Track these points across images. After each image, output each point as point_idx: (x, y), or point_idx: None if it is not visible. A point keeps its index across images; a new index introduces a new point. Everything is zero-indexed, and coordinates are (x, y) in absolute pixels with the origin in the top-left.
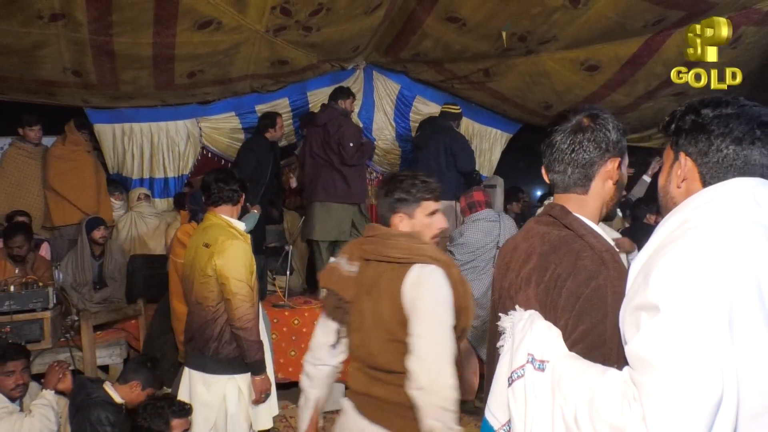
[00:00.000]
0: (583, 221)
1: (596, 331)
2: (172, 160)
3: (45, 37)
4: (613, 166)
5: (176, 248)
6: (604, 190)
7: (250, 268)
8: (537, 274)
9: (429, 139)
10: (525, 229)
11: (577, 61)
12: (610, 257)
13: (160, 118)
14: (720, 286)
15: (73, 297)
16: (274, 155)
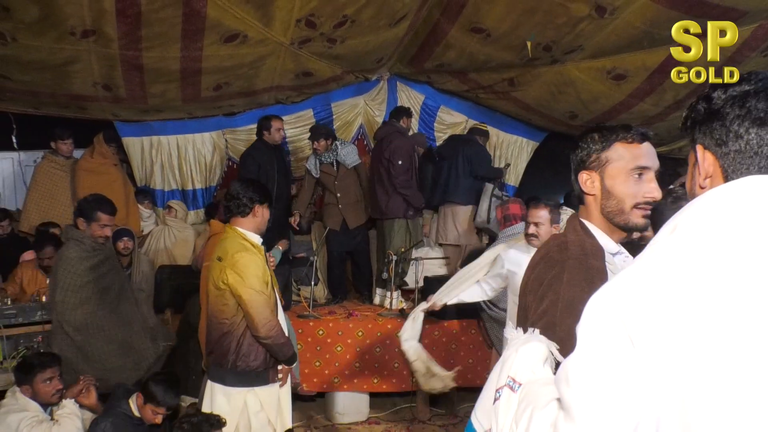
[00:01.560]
0: (580, 223)
1: (550, 313)
2: (200, 172)
3: (76, 53)
4: (584, 180)
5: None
6: (593, 202)
7: (263, 278)
8: (529, 269)
9: (451, 149)
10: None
11: (603, 70)
12: (579, 251)
13: (187, 130)
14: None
15: None
16: (279, 159)
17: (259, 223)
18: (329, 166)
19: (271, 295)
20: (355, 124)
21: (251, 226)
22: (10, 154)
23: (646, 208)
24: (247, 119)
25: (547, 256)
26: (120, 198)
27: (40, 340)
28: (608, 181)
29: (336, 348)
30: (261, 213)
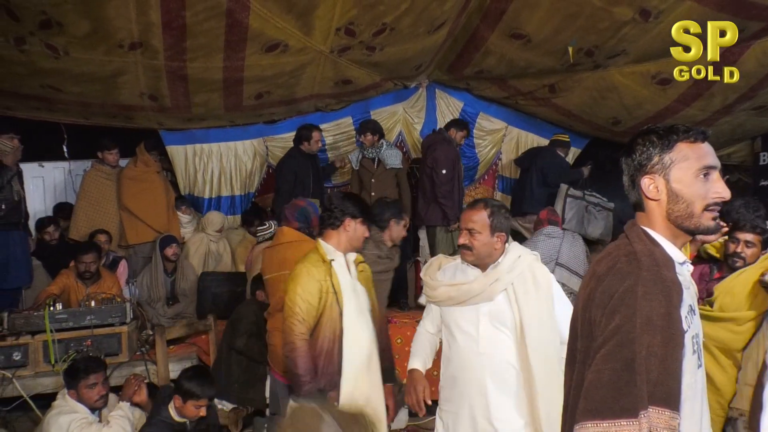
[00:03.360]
0: (643, 231)
1: (625, 329)
2: (239, 179)
3: (124, 65)
4: (647, 185)
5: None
6: (656, 207)
7: (308, 298)
8: (588, 278)
9: (527, 161)
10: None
11: (647, 74)
12: (650, 261)
13: (229, 138)
14: None
15: (148, 312)
16: (314, 167)
17: (351, 238)
18: (370, 162)
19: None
20: (394, 132)
21: (337, 240)
22: (61, 163)
23: (715, 209)
24: (287, 127)
25: (615, 268)
26: (162, 204)
27: (89, 343)
28: (675, 184)
29: None
30: (353, 228)
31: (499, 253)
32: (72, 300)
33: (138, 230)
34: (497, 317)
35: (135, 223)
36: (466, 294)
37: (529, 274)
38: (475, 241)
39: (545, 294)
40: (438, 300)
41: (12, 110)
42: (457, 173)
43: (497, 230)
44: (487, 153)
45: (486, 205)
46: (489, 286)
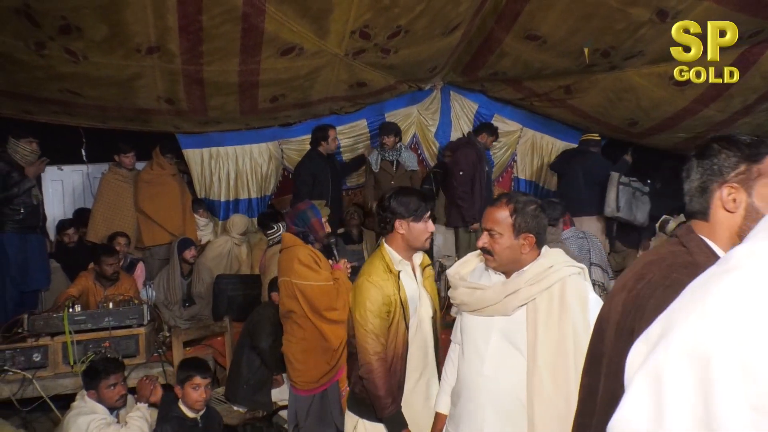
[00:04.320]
0: (702, 241)
1: None
2: (255, 182)
3: (141, 69)
4: (727, 194)
5: (304, 272)
6: (727, 220)
7: (379, 313)
8: (633, 281)
9: (566, 164)
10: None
11: (665, 75)
12: None
13: (244, 141)
14: None
15: (164, 314)
16: (333, 169)
17: (407, 239)
18: (389, 164)
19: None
20: (408, 134)
21: (396, 245)
22: (80, 166)
23: None
24: (302, 130)
25: (672, 278)
26: (177, 207)
27: (107, 345)
28: (757, 200)
29: None
30: (406, 229)
31: (528, 259)
32: (90, 302)
33: (154, 233)
34: (511, 336)
35: (151, 226)
36: (479, 302)
37: (558, 292)
38: (495, 244)
39: (574, 320)
40: (455, 301)
41: (31, 114)
42: (479, 175)
43: (523, 231)
44: (502, 155)
45: (509, 201)
46: (504, 297)
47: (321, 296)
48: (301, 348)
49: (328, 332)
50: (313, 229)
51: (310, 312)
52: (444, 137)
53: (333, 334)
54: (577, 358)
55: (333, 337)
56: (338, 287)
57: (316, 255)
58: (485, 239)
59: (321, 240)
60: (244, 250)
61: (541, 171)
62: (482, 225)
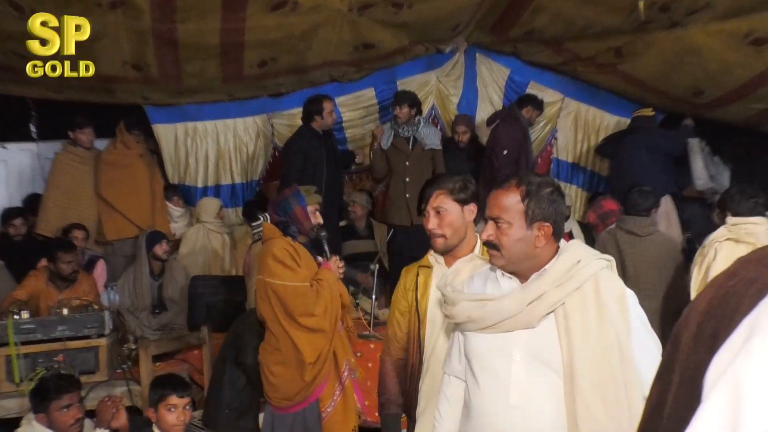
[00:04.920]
0: None
1: None
2: (240, 164)
3: (103, 27)
4: None
5: (277, 269)
6: None
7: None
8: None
9: (620, 145)
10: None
11: (738, 34)
12: None
13: (227, 114)
14: None
15: (130, 322)
16: (329, 147)
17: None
18: (404, 142)
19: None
20: (425, 105)
21: None
22: (27, 145)
23: None
24: (296, 100)
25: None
26: (145, 194)
27: (61, 359)
28: None
29: None
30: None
31: (546, 255)
32: (42, 307)
33: (118, 225)
34: (539, 354)
35: (114, 217)
36: (494, 315)
37: (592, 291)
38: (503, 236)
39: (615, 324)
40: (457, 321)
41: None
42: (525, 156)
43: (537, 219)
44: (540, 131)
45: (519, 183)
46: (527, 305)
47: (295, 299)
48: (275, 359)
49: (303, 342)
50: (296, 219)
51: (284, 317)
52: (469, 108)
53: (308, 344)
54: (624, 371)
55: (308, 348)
56: (319, 290)
57: (295, 250)
58: (490, 231)
59: (306, 232)
60: (221, 242)
61: (586, 151)
62: (487, 213)
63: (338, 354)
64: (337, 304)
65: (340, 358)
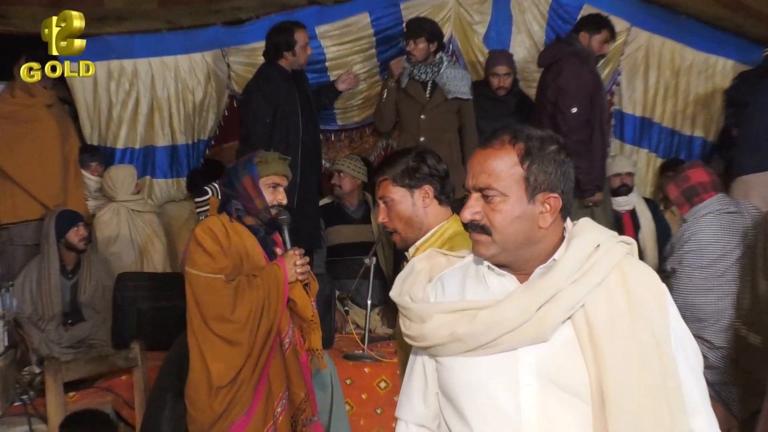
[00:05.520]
0: None
1: None
2: (184, 118)
3: None
4: None
5: (195, 255)
6: None
7: None
8: None
9: (757, 94)
10: None
11: None
12: None
13: (165, 49)
14: None
15: (33, 337)
16: (303, 95)
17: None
18: (418, 87)
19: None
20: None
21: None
22: None
23: None
24: (260, 31)
25: None
26: (55, 161)
27: None
28: None
29: None
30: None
31: (552, 240)
32: None
33: (15, 202)
34: (557, 377)
35: (10, 190)
36: (490, 330)
37: (619, 285)
38: (495, 214)
39: (653, 326)
40: (430, 343)
41: None
42: (598, 112)
43: (542, 189)
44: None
45: (514, 138)
46: (536, 311)
47: (205, 295)
48: (189, 380)
49: (212, 356)
50: (243, 195)
51: (196, 319)
52: (499, 41)
53: (219, 360)
54: (668, 392)
55: (217, 365)
56: (243, 288)
57: (225, 230)
58: (476, 207)
59: (255, 212)
60: (152, 227)
61: (662, 101)
62: (470, 182)
63: (273, 382)
64: (275, 313)
65: (275, 388)
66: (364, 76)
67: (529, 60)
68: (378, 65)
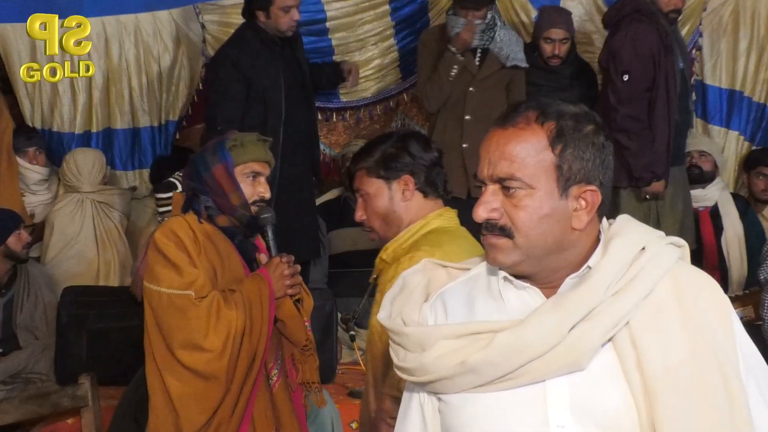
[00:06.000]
0: None
1: None
2: (148, 93)
3: None
4: None
5: (155, 267)
6: None
7: None
8: None
9: None
10: None
11: None
12: None
13: (122, 6)
14: None
15: None
16: (290, 65)
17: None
18: (468, 55)
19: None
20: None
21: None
22: None
23: None
24: None
25: None
26: None
27: None
28: None
29: None
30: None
31: (587, 243)
32: None
33: None
34: (596, 413)
35: None
36: (512, 357)
37: (672, 298)
38: (518, 211)
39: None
40: (434, 378)
41: None
42: (663, 81)
43: (578, 180)
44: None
45: (543, 115)
46: (570, 331)
47: (171, 317)
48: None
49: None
50: (214, 188)
51: (158, 346)
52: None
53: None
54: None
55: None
56: (220, 307)
57: (193, 234)
58: (494, 202)
59: (231, 210)
60: (116, 227)
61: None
62: (485, 171)
63: (258, 425)
64: (259, 338)
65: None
66: (374, 40)
67: (585, 19)
68: (393, 26)
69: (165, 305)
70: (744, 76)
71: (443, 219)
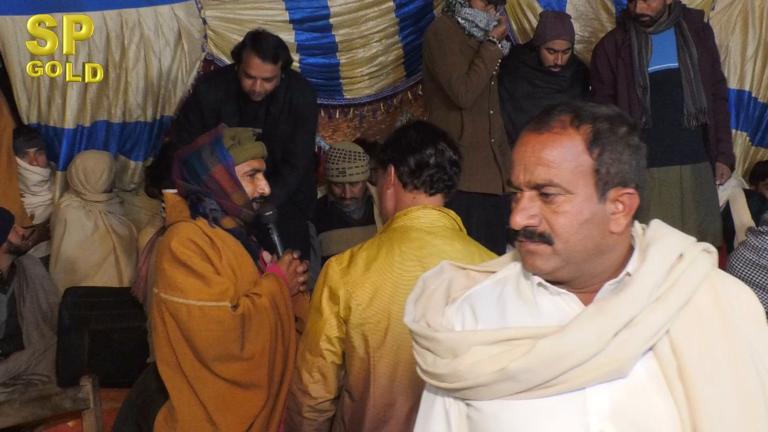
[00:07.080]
0: None
1: None
2: (147, 89)
3: None
4: None
5: (178, 279)
6: None
7: None
8: None
9: None
10: None
11: None
12: None
13: (124, 2)
14: None
15: None
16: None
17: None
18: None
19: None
20: None
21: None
22: None
23: None
24: None
25: None
26: None
27: None
28: None
29: None
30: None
31: (623, 247)
32: None
33: None
34: (638, 422)
35: None
36: (552, 364)
37: (711, 306)
38: (558, 217)
39: (754, 354)
40: (470, 384)
41: None
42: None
43: (616, 183)
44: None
45: (577, 118)
46: (613, 337)
47: (205, 330)
48: None
49: (219, 409)
50: (215, 190)
51: (187, 360)
52: None
53: (227, 410)
54: None
55: (227, 416)
56: (252, 312)
57: (211, 242)
58: (532, 209)
59: (237, 212)
60: (124, 232)
61: (761, 68)
62: (521, 178)
63: None
64: (289, 339)
65: None
66: (378, 36)
67: (592, 17)
68: (397, 22)
69: (197, 318)
70: (752, 77)
71: (411, 217)
